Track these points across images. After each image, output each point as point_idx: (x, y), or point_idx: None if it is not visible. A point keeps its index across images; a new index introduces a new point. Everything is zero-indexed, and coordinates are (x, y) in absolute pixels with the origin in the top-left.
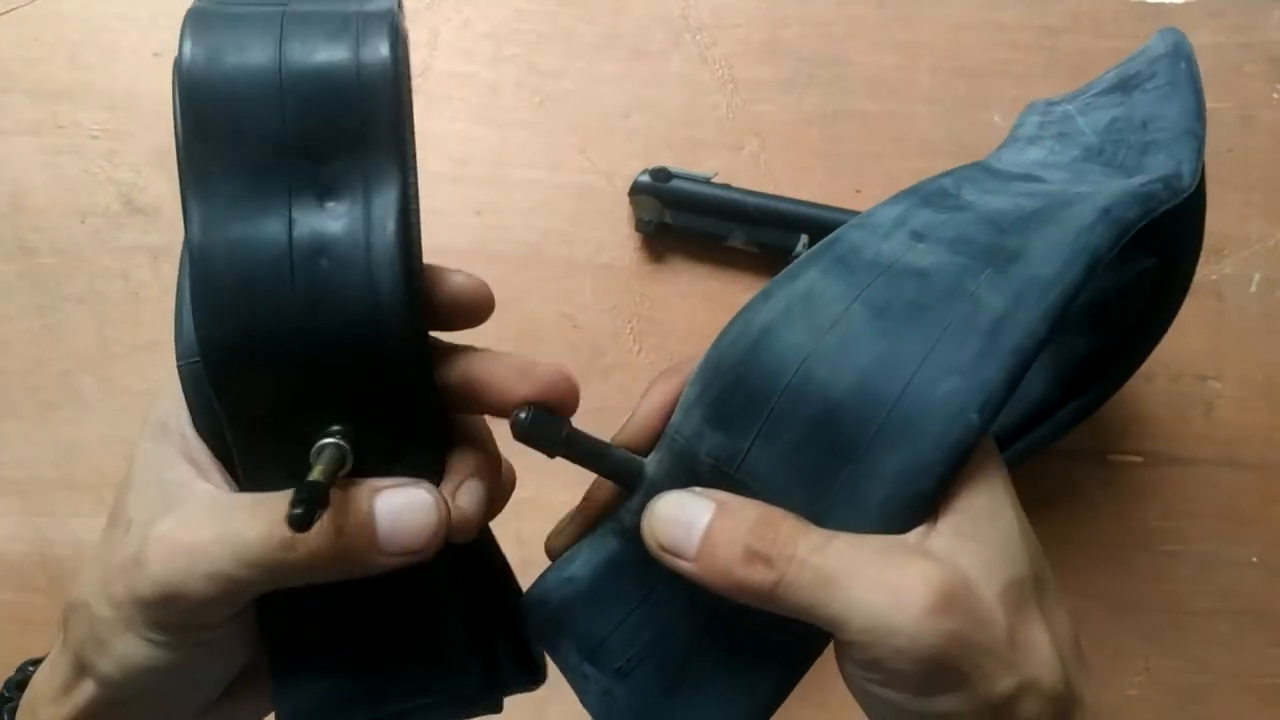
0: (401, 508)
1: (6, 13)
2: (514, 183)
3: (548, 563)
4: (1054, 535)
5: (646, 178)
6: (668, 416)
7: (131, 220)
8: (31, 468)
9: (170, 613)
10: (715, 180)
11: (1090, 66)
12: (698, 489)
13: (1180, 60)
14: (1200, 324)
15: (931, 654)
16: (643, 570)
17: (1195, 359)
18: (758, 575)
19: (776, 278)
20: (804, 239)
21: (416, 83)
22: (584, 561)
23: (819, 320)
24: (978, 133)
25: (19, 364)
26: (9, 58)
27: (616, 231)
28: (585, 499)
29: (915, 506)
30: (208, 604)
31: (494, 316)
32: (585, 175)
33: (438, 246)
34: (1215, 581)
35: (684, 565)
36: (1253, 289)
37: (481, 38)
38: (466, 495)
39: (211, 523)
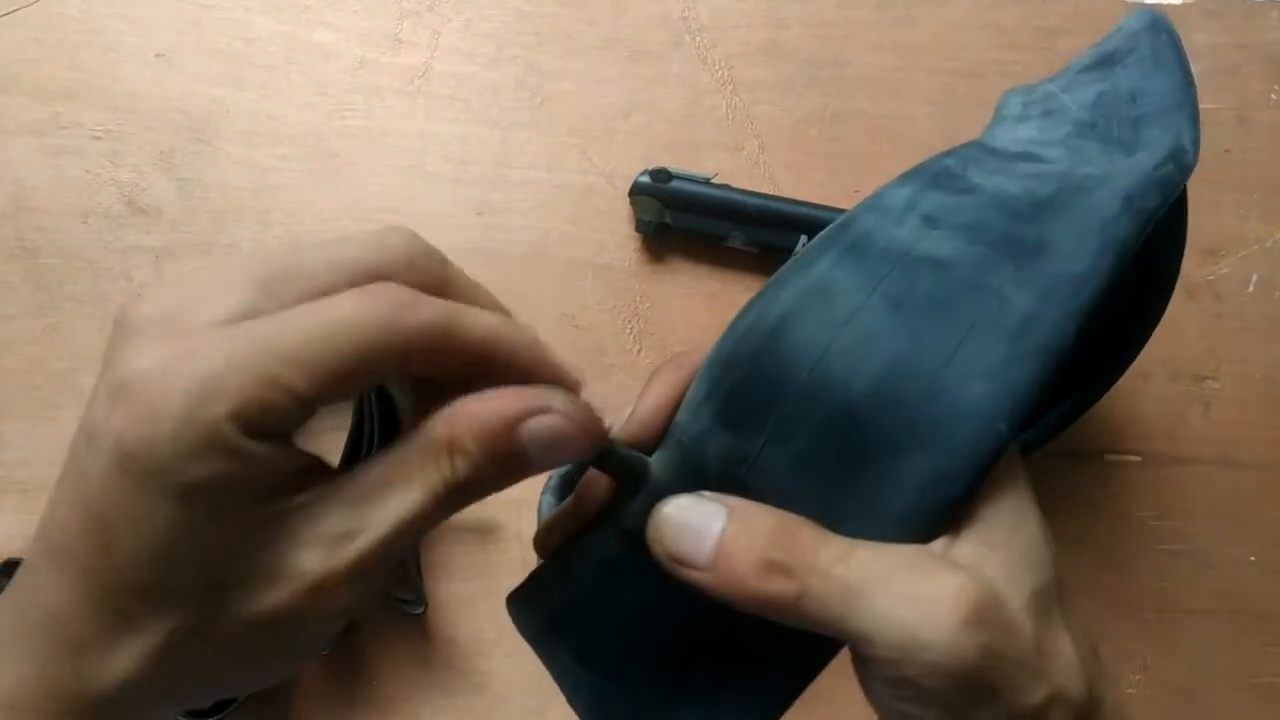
0: None
1: (8, 14)
2: (514, 183)
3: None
4: (1053, 535)
5: (646, 178)
6: (672, 412)
7: (133, 221)
8: (33, 467)
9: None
10: (715, 181)
11: None
12: (707, 494)
13: (1161, 33)
14: (1198, 324)
15: (964, 669)
16: (642, 572)
17: (1193, 359)
18: (777, 587)
19: (787, 265)
20: (803, 239)
21: (416, 83)
22: (580, 561)
23: (835, 313)
24: (977, 133)
25: (21, 364)
26: (11, 59)
27: (616, 232)
28: (578, 496)
29: (939, 515)
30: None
31: None
32: (585, 176)
33: (439, 247)
34: (1213, 580)
35: (696, 576)
36: (1250, 289)
37: (482, 38)
38: None
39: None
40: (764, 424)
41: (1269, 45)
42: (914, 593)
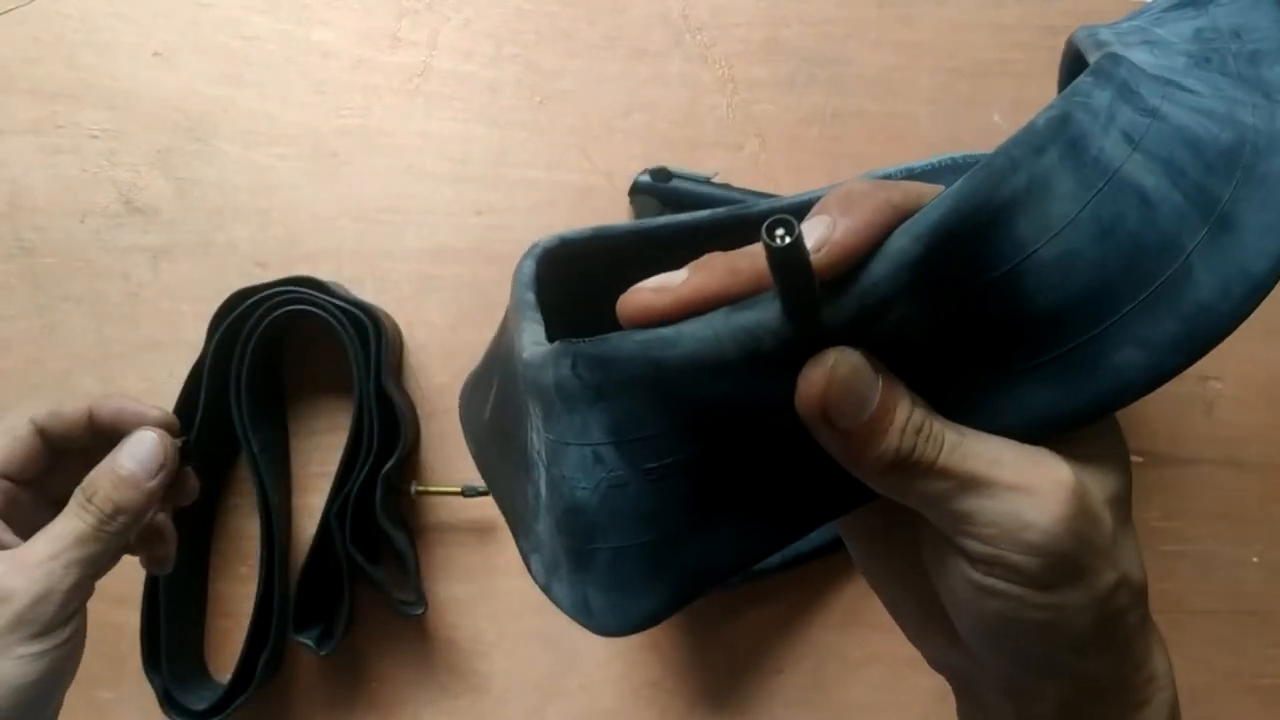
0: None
1: (5, 12)
2: (514, 183)
3: None
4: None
5: (646, 178)
6: (872, 248)
7: (131, 220)
8: None
9: (44, 610)
10: (715, 180)
11: None
12: (870, 361)
13: None
14: None
15: (1062, 549)
16: (735, 379)
17: None
18: (901, 467)
19: (1022, 139)
20: None
21: (415, 82)
22: (688, 341)
23: (1049, 218)
24: (977, 133)
25: (18, 364)
26: (8, 58)
27: None
28: (712, 283)
29: (1041, 440)
30: (73, 590)
31: (496, 318)
32: (585, 175)
33: (438, 247)
34: (1216, 581)
35: (828, 435)
36: None
37: (481, 37)
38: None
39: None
40: (947, 306)
41: None
42: (1020, 479)
